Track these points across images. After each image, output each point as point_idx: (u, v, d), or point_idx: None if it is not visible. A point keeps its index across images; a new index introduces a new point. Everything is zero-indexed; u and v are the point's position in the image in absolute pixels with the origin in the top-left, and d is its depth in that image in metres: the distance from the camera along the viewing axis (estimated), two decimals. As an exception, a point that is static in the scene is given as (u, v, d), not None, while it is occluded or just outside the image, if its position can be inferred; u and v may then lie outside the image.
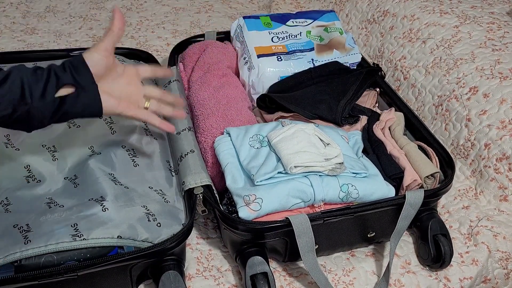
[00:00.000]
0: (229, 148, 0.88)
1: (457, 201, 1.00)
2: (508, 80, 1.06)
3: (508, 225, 0.95)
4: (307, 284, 0.84)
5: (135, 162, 0.87)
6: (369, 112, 1.05)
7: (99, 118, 0.73)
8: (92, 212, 0.75)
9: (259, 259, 0.79)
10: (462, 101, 1.08)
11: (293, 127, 0.87)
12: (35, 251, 0.68)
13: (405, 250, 0.92)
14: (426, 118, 1.15)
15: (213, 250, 0.89)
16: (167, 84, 1.05)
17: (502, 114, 1.02)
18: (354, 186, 0.83)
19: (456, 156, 1.07)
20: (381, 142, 0.97)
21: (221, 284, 0.83)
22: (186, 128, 0.94)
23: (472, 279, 0.89)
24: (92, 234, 0.71)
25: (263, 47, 1.13)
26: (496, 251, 0.92)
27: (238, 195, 0.80)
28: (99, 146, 0.87)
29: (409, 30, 1.30)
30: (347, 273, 0.87)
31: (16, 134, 0.87)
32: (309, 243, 0.77)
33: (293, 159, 0.81)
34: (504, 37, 1.17)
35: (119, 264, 0.72)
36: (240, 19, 1.18)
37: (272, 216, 0.80)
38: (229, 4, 1.70)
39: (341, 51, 1.18)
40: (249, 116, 1.01)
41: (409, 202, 0.83)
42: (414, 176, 0.90)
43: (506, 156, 0.98)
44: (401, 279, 0.87)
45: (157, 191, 0.84)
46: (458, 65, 1.14)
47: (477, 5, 1.31)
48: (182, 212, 0.82)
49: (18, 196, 0.78)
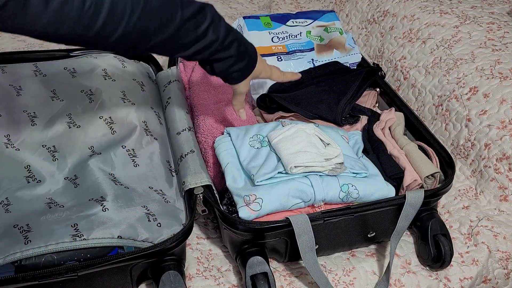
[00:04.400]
0: (229, 148, 0.88)
1: (457, 201, 1.00)
2: (508, 80, 1.06)
3: (508, 225, 0.95)
4: (307, 284, 0.84)
5: (135, 162, 0.87)
6: (369, 112, 1.05)
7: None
8: (92, 212, 0.75)
9: (259, 259, 0.79)
10: (462, 101, 1.08)
11: (293, 127, 0.87)
12: (35, 251, 0.68)
13: (405, 250, 0.92)
14: (426, 118, 1.15)
15: (213, 250, 0.89)
16: (167, 84, 1.05)
17: (502, 114, 1.02)
18: (354, 186, 0.83)
19: (456, 156, 1.07)
20: (381, 142, 0.97)
21: (221, 284, 0.83)
22: (186, 128, 0.94)
23: (472, 279, 0.89)
24: (92, 234, 0.71)
25: (263, 47, 1.13)
26: (496, 251, 0.92)
27: (238, 195, 0.80)
28: (99, 146, 0.87)
29: (409, 30, 1.30)
30: (347, 273, 0.87)
31: (16, 134, 0.87)
32: (309, 243, 0.77)
33: (293, 159, 0.81)
34: (504, 37, 1.17)
35: (119, 264, 0.72)
36: (240, 19, 1.18)
37: (272, 216, 0.80)
38: (229, 4, 1.70)
39: (341, 51, 1.18)
40: (249, 116, 1.01)
41: (409, 202, 0.83)
42: (414, 176, 0.90)
43: (506, 156, 0.98)
44: (401, 279, 0.87)
45: (157, 191, 0.84)
46: (458, 65, 1.14)
47: (477, 5, 1.31)
48: (182, 212, 0.82)
49: (18, 196, 0.78)
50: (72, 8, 0.55)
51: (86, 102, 0.94)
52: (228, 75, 0.77)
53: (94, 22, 0.57)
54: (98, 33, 0.59)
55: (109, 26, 0.59)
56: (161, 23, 0.64)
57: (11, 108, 0.91)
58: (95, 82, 0.98)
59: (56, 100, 0.94)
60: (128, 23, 0.60)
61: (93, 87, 0.97)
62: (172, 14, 0.64)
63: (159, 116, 0.99)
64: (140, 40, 0.63)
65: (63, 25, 0.56)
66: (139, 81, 1.03)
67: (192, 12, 0.66)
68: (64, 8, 0.54)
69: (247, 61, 0.77)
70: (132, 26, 0.61)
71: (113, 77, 1.01)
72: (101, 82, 0.99)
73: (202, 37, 0.69)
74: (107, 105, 0.94)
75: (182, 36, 0.67)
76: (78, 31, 0.57)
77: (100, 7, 0.57)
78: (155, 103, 1.01)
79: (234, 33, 0.73)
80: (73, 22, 0.56)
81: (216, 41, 0.70)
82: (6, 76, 0.97)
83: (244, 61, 0.76)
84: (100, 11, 0.57)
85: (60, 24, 0.55)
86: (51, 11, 0.54)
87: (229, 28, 0.73)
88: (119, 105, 0.95)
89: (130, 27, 0.60)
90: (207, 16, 0.68)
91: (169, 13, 0.64)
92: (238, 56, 0.75)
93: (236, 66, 0.76)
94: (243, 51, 0.76)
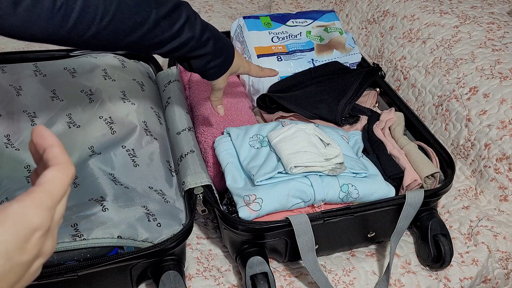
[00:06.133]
0: (229, 148, 0.88)
1: (457, 201, 1.00)
2: (508, 80, 1.06)
3: (508, 225, 0.95)
4: (307, 284, 0.84)
5: (135, 162, 0.87)
6: (369, 112, 1.05)
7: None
8: (92, 212, 0.74)
9: (259, 259, 0.79)
10: (462, 101, 1.08)
11: (293, 127, 0.87)
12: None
13: (405, 250, 0.92)
14: (426, 118, 1.15)
15: (213, 250, 0.89)
16: (167, 84, 1.05)
17: (502, 114, 1.02)
18: (354, 186, 0.83)
19: (456, 156, 1.07)
20: (381, 142, 0.97)
21: (221, 284, 0.83)
22: (186, 128, 0.94)
23: (472, 279, 0.89)
24: (92, 234, 0.71)
25: (263, 47, 1.13)
26: (496, 251, 0.92)
27: (238, 195, 0.80)
28: (99, 146, 0.87)
29: (409, 30, 1.30)
30: (347, 273, 0.87)
31: (16, 134, 0.87)
32: (309, 243, 0.77)
33: (293, 159, 0.81)
34: (504, 37, 1.17)
35: (119, 264, 0.72)
36: (240, 19, 1.18)
37: (272, 216, 0.80)
38: (229, 4, 1.70)
39: (341, 51, 1.18)
40: (249, 116, 1.01)
41: (409, 202, 0.83)
42: (414, 176, 0.90)
43: (506, 156, 0.98)
44: (401, 279, 0.87)
45: (157, 191, 0.84)
46: (458, 65, 1.14)
47: (477, 5, 1.31)
48: (182, 212, 0.82)
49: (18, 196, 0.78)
50: (42, 8, 0.55)
51: (86, 102, 0.94)
52: (206, 71, 0.78)
53: (66, 22, 0.58)
54: (70, 32, 0.59)
55: (81, 26, 0.59)
56: (135, 21, 0.64)
57: (11, 108, 0.91)
58: (95, 82, 0.98)
59: (56, 100, 0.94)
60: (101, 22, 0.60)
61: (93, 87, 0.97)
62: (146, 12, 0.64)
63: (159, 116, 0.99)
64: (114, 39, 0.64)
65: (34, 25, 0.56)
66: (139, 81, 1.03)
67: (167, 10, 0.67)
68: (35, 8, 0.55)
69: (224, 57, 0.78)
70: (105, 25, 0.61)
71: (113, 77, 1.01)
72: (101, 82, 0.99)
73: (177, 35, 0.69)
74: (107, 105, 0.94)
75: (157, 34, 0.67)
76: (49, 30, 0.58)
77: (72, 6, 0.57)
78: (155, 103, 1.01)
79: (210, 30, 0.74)
80: (44, 22, 0.56)
81: (192, 39, 0.71)
82: (6, 76, 0.97)
83: (221, 57, 0.77)
84: (72, 11, 0.57)
85: (31, 24, 0.56)
86: (21, 11, 0.54)
87: (205, 25, 0.73)
88: (119, 105, 0.95)
89: (103, 26, 0.61)
90: (182, 14, 0.69)
91: (144, 11, 0.64)
92: (214, 53, 0.75)
93: (213, 62, 0.76)
94: (219, 48, 0.76)
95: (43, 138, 0.37)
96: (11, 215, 0.32)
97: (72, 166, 0.37)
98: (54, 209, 0.36)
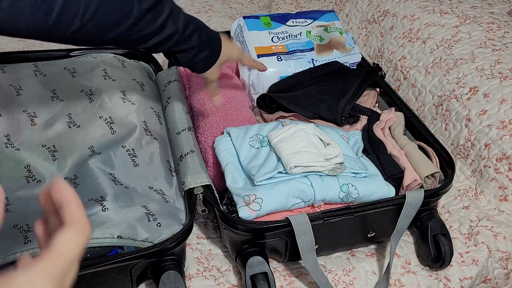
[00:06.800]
0: (229, 148, 0.88)
1: (457, 201, 1.00)
2: (508, 80, 1.06)
3: (508, 225, 0.95)
4: (307, 284, 0.84)
5: (135, 162, 0.87)
6: (369, 112, 1.05)
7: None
8: (92, 212, 0.74)
9: (259, 259, 0.79)
10: (462, 101, 1.08)
11: (293, 127, 0.87)
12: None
13: (405, 250, 0.92)
14: (426, 118, 1.15)
15: (213, 250, 0.89)
16: (167, 84, 1.05)
17: (502, 114, 1.02)
18: (354, 186, 0.83)
19: (456, 156, 1.07)
20: (381, 142, 0.97)
21: (221, 284, 0.83)
22: (186, 128, 0.93)
23: (472, 279, 0.89)
24: (92, 234, 0.71)
25: (263, 47, 1.13)
26: (496, 251, 0.92)
27: (238, 195, 0.80)
28: (99, 146, 0.87)
29: (409, 30, 1.30)
30: (347, 273, 0.87)
31: (16, 134, 0.87)
32: (309, 243, 0.77)
33: (293, 159, 0.80)
34: (504, 37, 1.17)
35: (119, 264, 0.72)
36: (240, 19, 1.18)
37: (272, 216, 0.80)
38: (229, 4, 1.70)
39: (341, 51, 1.18)
40: (249, 116, 1.01)
41: (409, 202, 0.83)
42: (414, 176, 0.90)
43: (506, 156, 0.98)
44: (401, 279, 0.87)
45: (157, 191, 0.84)
46: (458, 65, 1.14)
47: (477, 5, 1.31)
48: (182, 212, 0.82)
49: (18, 196, 0.78)
50: (26, 2, 0.56)
51: (86, 102, 0.94)
52: (193, 65, 0.78)
53: (49, 15, 0.58)
54: (54, 26, 0.59)
55: (65, 19, 0.60)
56: (118, 15, 0.64)
57: (11, 108, 0.91)
58: (95, 82, 0.98)
59: (56, 100, 0.94)
60: (84, 15, 0.61)
61: (93, 87, 0.97)
62: (129, 5, 0.65)
63: (159, 116, 0.99)
64: (98, 33, 0.64)
65: (18, 20, 0.57)
66: (139, 81, 1.03)
67: (150, 4, 0.67)
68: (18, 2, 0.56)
69: (211, 49, 0.78)
70: (88, 19, 0.61)
71: (113, 77, 1.01)
72: (101, 82, 0.99)
73: (161, 29, 0.69)
74: (107, 105, 0.94)
75: (141, 28, 0.67)
76: (34, 24, 0.58)
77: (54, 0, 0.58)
78: (155, 103, 1.01)
79: (194, 23, 0.74)
80: (28, 16, 0.57)
81: (176, 33, 0.71)
82: (6, 76, 0.97)
83: (207, 50, 0.77)
84: (54, 4, 0.58)
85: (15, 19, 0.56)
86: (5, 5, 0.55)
87: (189, 18, 0.73)
88: (119, 105, 0.95)
89: (87, 20, 0.61)
90: (165, 8, 0.69)
91: (126, 5, 0.65)
92: (200, 46, 0.75)
93: (199, 55, 0.76)
94: (205, 41, 0.76)
95: (61, 193, 0.37)
96: (17, 286, 0.31)
97: (88, 225, 0.36)
98: (65, 274, 0.34)
